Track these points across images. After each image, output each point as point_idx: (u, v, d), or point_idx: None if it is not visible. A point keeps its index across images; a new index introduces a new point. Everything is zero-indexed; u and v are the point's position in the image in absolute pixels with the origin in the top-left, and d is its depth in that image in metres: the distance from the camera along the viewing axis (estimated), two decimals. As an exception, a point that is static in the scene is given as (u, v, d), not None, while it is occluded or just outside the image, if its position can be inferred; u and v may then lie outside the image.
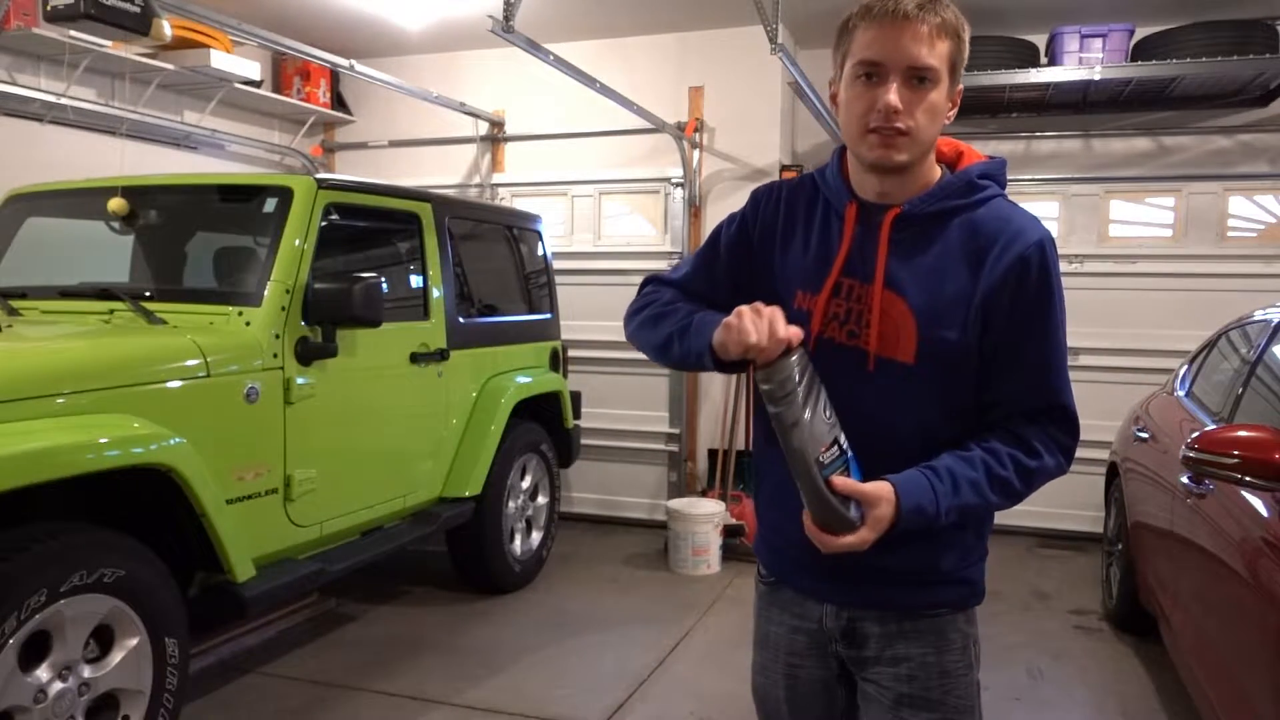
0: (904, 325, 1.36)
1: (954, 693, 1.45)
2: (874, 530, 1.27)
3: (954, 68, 1.34)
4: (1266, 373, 2.94)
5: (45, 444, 2.31)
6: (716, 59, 5.56)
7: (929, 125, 1.33)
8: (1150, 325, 5.27)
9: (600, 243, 5.87)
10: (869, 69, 1.32)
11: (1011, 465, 1.34)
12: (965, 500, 1.32)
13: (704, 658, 3.79)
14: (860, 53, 1.33)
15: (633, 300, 1.60)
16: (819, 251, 1.45)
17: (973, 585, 1.47)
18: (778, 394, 1.24)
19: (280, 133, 6.06)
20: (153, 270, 3.71)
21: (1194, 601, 2.86)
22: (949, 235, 1.38)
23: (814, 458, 1.25)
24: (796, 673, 1.54)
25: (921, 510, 1.29)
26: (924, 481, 1.31)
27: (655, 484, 5.81)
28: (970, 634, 1.48)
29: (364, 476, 3.60)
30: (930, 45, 1.30)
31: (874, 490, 1.28)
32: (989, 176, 1.42)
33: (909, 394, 1.37)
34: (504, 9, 3.55)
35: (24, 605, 2.25)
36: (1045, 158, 5.50)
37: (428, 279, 3.99)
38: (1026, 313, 1.35)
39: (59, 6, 3.03)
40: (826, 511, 1.27)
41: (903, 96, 1.31)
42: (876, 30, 1.31)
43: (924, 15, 1.30)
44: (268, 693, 3.37)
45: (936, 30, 1.30)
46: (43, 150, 4.49)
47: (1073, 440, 1.40)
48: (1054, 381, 1.38)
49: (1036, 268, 1.35)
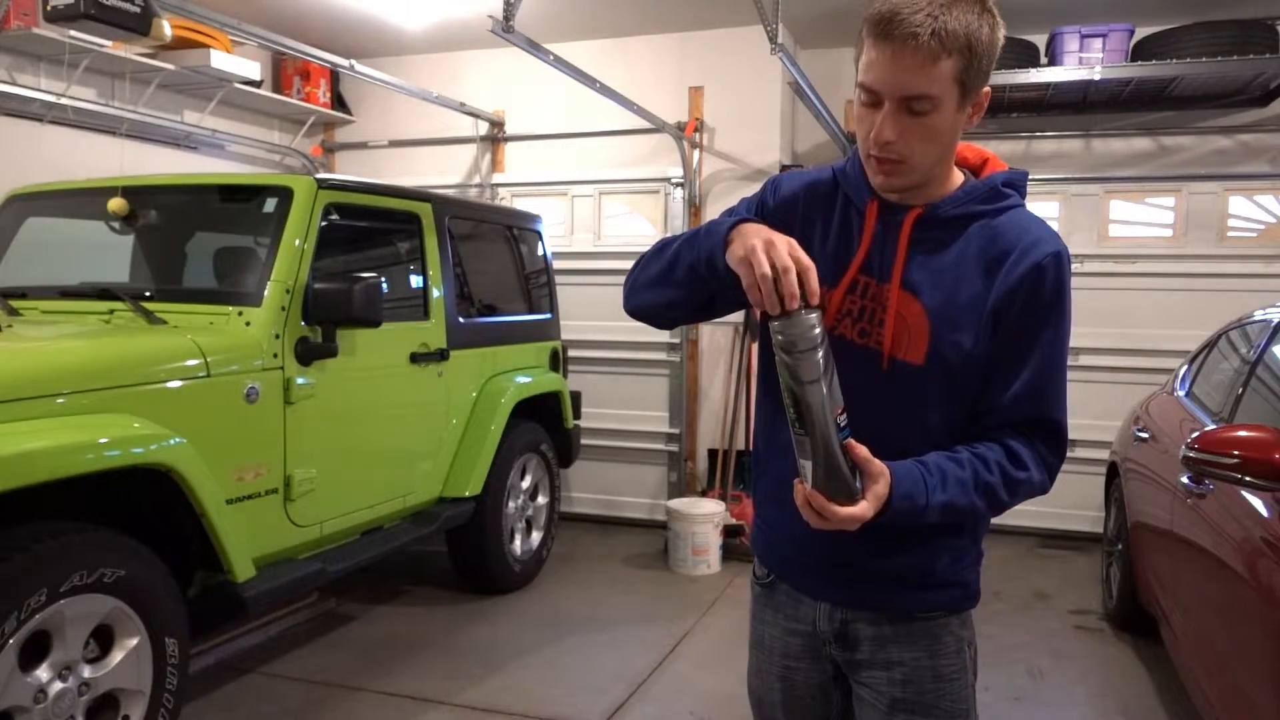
0: (917, 326, 1.35)
1: (948, 697, 1.43)
2: (872, 505, 1.24)
3: (963, 83, 1.25)
4: (1266, 373, 2.94)
5: (45, 444, 2.31)
6: (716, 59, 5.56)
7: (929, 149, 1.29)
8: (1150, 325, 5.28)
9: (600, 243, 5.87)
10: (867, 94, 1.27)
11: (999, 473, 1.32)
12: (952, 497, 1.30)
13: (704, 658, 3.79)
14: (861, 73, 1.28)
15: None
16: (837, 247, 1.42)
17: (967, 588, 1.46)
18: (800, 346, 1.19)
19: (280, 133, 6.06)
20: (153, 270, 3.71)
21: (1194, 601, 2.86)
22: (968, 240, 1.36)
23: (833, 418, 1.21)
24: (792, 676, 1.54)
25: (911, 499, 1.27)
26: (916, 472, 1.29)
27: (655, 484, 5.81)
28: (965, 637, 1.47)
29: (364, 476, 3.60)
30: (927, 70, 1.22)
31: (879, 465, 1.26)
32: (1012, 186, 1.41)
33: (916, 395, 1.36)
34: (504, 9, 3.55)
35: (24, 605, 2.25)
36: (1045, 158, 5.50)
37: (428, 279, 3.99)
38: (1033, 322, 1.34)
39: (59, 6, 3.03)
40: (835, 475, 1.23)
41: (899, 124, 1.26)
42: (875, 51, 1.24)
43: (919, 39, 1.20)
44: (268, 693, 3.37)
45: (935, 52, 1.21)
46: (43, 150, 4.49)
47: (1059, 459, 1.38)
48: (1049, 396, 1.36)
49: (1051, 279, 1.33)
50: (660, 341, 5.71)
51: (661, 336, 5.71)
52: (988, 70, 1.28)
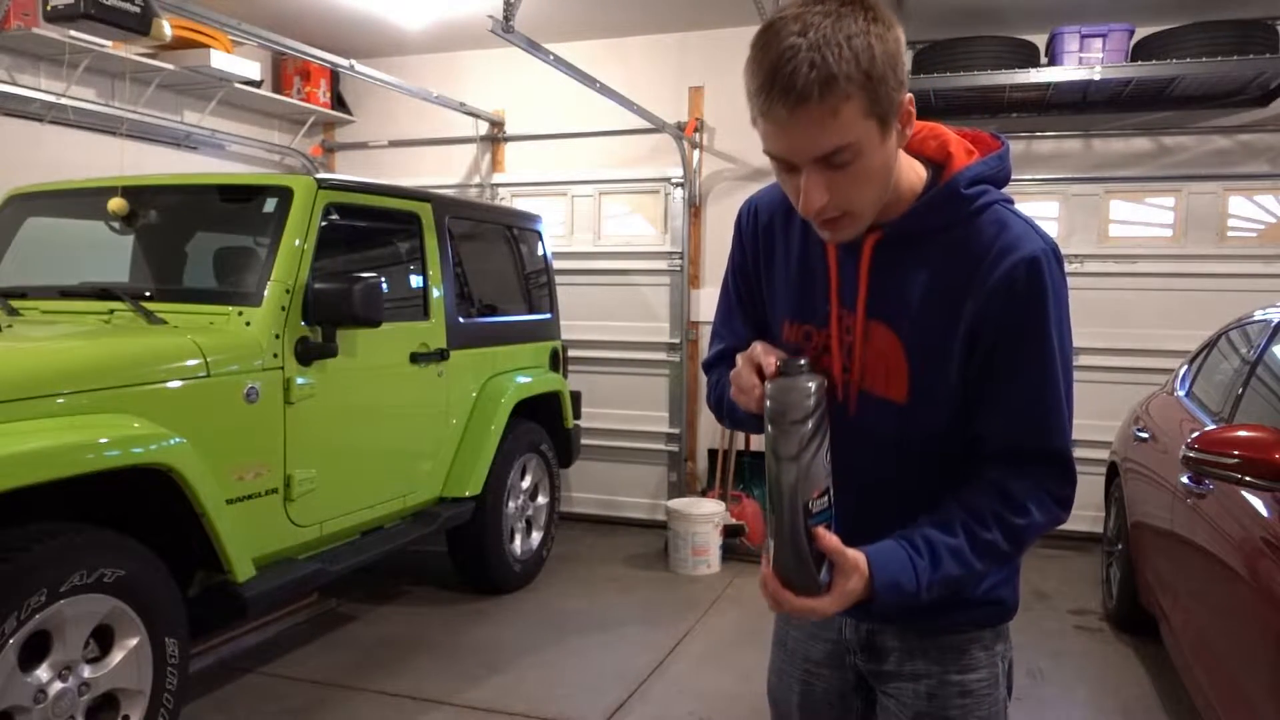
0: (894, 360, 1.23)
1: (975, 713, 1.36)
2: (837, 602, 1.15)
3: (878, 114, 1.09)
4: (1266, 373, 2.94)
5: (45, 444, 2.31)
6: (716, 59, 5.56)
7: (866, 193, 1.15)
8: (1150, 325, 5.27)
9: (600, 243, 5.87)
10: (780, 162, 1.14)
11: (997, 526, 1.20)
12: (948, 572, 1.19)
13: (704, 658, 3.79)
14: (763, 140, 1.13)
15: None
16: (800, 274, 1.33)
17: (1003, 604, 1.37)
18: (784, 417, 1.13)
19: (280, 133, 6.06)
20: (153, 270, 3.71)
21: (1194, 601, 2.86)
22: (936, 255, 1.22)
23: (804, 501, 1.13)
24: (812, 681, 1.49)
25: (899, 588, 1.16)
26: (902, 555, 1.18)
27: (655, 484, 5.81)
28: (997, 651, 1.38)
29: (364, 476, 3.60)
30: (831, 123, 1.06)
31: (852, 558, 1.15)
32: (981, 180, 1.23)
33: (903, 434, 1.26)
34: (504, 9, 3.55)
35: (24, 605, 2.25)
36: (1045, 158, 5.49)
37: (428, 279, 3.99)
38: (1012, 343, 1.19)
39: (59, 6, 3.03)
40: (797, 564, 1.14)
41: (824, 183, 1.11)
42: (767, 123, 1.09)
43: (806, 100, 1.04)
44: (268, 693, 3.37)
45: (831, 104, 1.05)
46: (43, 150, 4.49)
47: (1068, 489, 1.24)
48: (1047, 421, 1.21)
49: (1025, 290, 1.17)
50: (660, 342, 5.71)
51: (661, 337, 5.72)
52: (901, 81, 1.10)
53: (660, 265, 5.71)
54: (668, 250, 5.70)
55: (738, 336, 1.44)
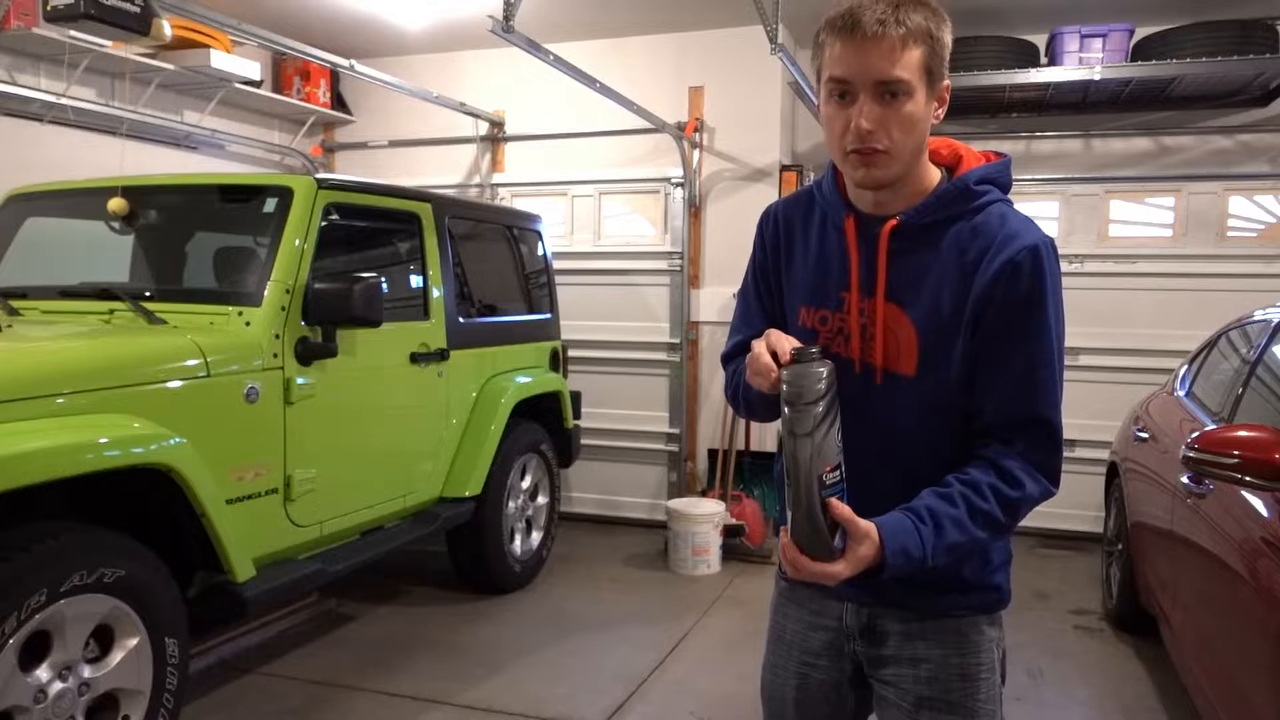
0: (906, 338, 1.36)
1: (975, 696, 1.43)
2: (851, 566, 1.25)
3: (930, 71, 1.29)
4: (1266, 373, 2.94)
5: (45, 444, 2.31)
6: (716, 59, 5.56)
7: (907, 138, 1.30)
8: (1150, 325, 5.28)
9: (600, 243, 5.87)
10: (840, 87, 1.30)
11: (993, 497, 1.31)
12: (951, 539, 1.29)
13: (704, 658, 3.79)
14: (830, 69, 1.30)
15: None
16: (817, 264, 1.45)
17: (999, 591, 1.46)
18: (805, 397, 1.23)
19: (280, 133, 6.06)
20: (153, 270, 3.71)
21: (1194, 601, 2.86)
22: (946, 244, 1.36)
23: (818, 474, 1.23)
24: (809, 673, 1.53)
25: (908, 553, 1.26)
26: (908, 524, 1.28)
27: (655, 484, 5.81)
28: (994, 637, 1.47)
29: (364, 476, 3.60)
30: (898, 57, 1.25)
31: (864, 527, 1.26)
32: (988, 181, 1.39)
33: (912, 406, 1.37)
34: (504, 9, 3.55)
35: (24, 605, 2.25)
36: (1045, 158, 5.50)
37: (428, 279, 3.99)
38: (1012, 319, 1.32)
39: (59, 6, 3.03)
40: (813, 533, 1.25)
41: (875, 114, 1.27)
42: (842, 45, 1.27)
43: (885, 28, 1.25)
44: (268, 693, 3.37)
45: (903, 40, 1.25)
46: (43, 150, 4.49)
47: (1055, 457, 1.35)
48: (1038, 394, 1.33)
49: (1027, 273, 1.31)
50: (660, 342, 5.71)
51: (661, 337, 5.72)
52: (946, 66, 1.32)
53: (660, 265, 5.71)
54: (668, 250, 5.70)
55: (755, 330, 1.53)
